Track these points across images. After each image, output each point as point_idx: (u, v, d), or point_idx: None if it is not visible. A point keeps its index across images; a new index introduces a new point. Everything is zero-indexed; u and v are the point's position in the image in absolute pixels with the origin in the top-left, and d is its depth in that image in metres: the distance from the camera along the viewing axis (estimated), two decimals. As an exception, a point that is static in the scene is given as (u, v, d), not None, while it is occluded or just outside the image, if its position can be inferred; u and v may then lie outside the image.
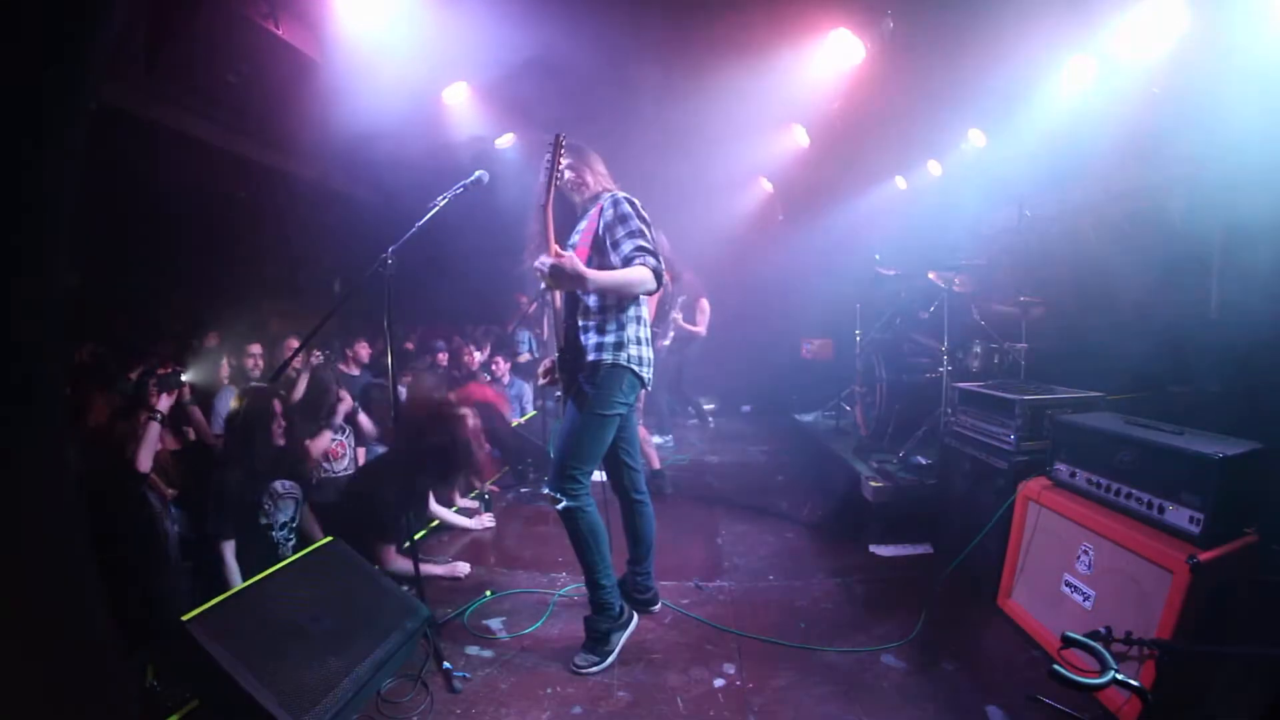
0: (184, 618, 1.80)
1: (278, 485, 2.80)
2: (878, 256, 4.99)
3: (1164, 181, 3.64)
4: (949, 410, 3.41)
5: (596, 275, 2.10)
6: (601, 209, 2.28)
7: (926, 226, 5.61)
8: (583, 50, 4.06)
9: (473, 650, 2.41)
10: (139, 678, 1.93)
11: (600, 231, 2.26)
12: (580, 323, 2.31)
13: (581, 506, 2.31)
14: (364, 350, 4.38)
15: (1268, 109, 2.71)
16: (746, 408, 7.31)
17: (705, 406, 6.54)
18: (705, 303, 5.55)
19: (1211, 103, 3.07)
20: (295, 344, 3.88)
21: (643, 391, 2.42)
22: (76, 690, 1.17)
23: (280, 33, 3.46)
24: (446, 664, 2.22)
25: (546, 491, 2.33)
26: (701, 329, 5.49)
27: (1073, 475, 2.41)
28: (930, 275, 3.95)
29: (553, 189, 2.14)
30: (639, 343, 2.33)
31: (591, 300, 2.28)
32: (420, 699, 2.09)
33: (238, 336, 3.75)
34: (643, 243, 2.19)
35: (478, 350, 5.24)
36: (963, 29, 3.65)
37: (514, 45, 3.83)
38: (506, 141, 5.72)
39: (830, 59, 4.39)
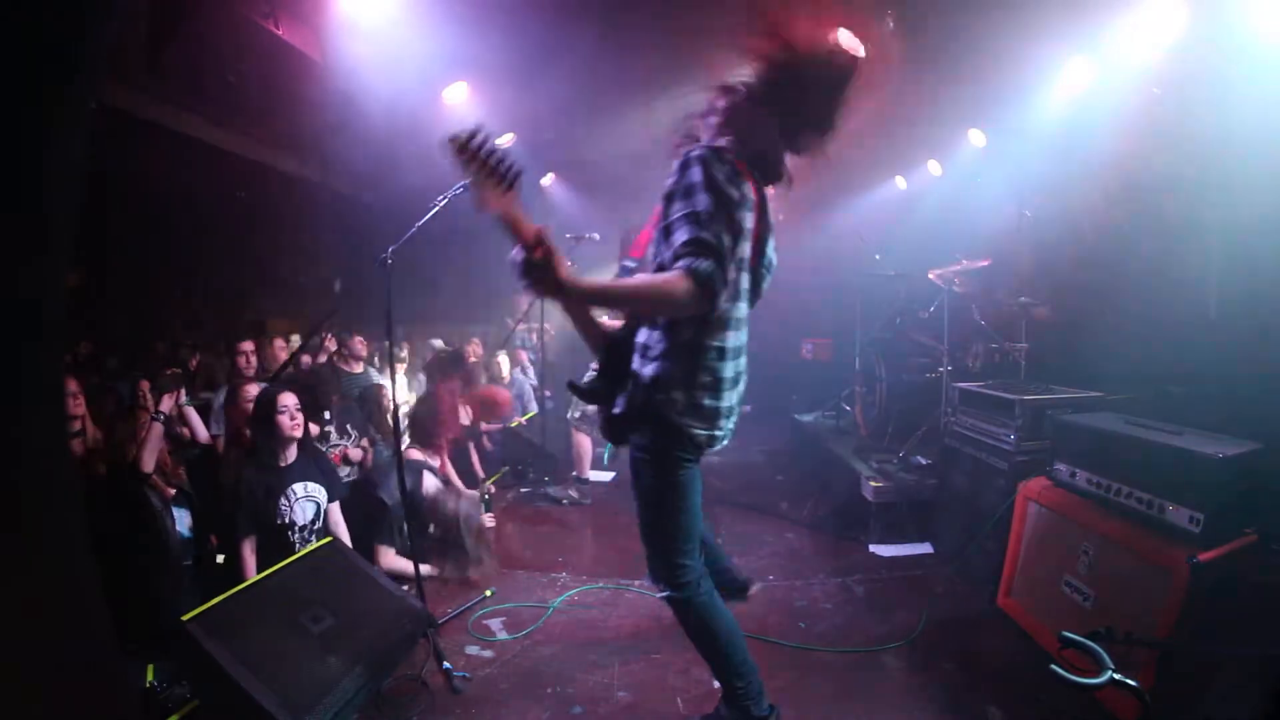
0: (184, 618, 1.80)
1: (298, 486, 2.67)
2: (878, 256, 5.00)
3: (1164, 182, 3.64)
4: (949, 410, 3.42)
5: (588, 285, 1.35)
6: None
7: (926, 226, 5.61)
8: (583, 49, 4.06)
9: (473, 650, 2.41)
10: (139, 678, 1.93)
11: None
12: (637, 339, 1.62)
13: (689, 597, 1.69)
14: (360, 345, 4.17)
15: (1267, 109, 2.71)
16: (746, 408, 7.25)
17: None
18: None
19: (1211, 103, 3.07)
20: (284, 343, 3.87)
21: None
22: (76, 690, 1.17)
23: (280, 33, 3.47)
24: (446, 664, 2.22)
25: (649, 582, 1.78)
26: None
27: (1073, 475, 2.41)
28: (930, 275, 3.95)
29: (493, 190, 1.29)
30: (700, 387, 1.55)
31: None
32: (420, 699, 2.09)
33: (237, 336, 3.75)
34: (703, 234, 1.38)
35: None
36: (963, 29, 3.65)
37: (514, 44, 3.83)
38: (506, 141, 5.73)
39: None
